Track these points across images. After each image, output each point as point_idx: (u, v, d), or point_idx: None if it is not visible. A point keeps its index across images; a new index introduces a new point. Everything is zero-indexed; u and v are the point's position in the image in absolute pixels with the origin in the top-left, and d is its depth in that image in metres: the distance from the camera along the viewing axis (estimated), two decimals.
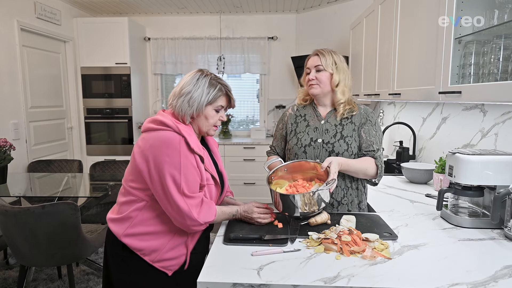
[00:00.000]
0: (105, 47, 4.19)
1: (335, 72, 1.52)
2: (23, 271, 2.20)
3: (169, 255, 1.27)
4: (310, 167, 1.47)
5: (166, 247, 1.26)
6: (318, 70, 1.54)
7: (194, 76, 1.29)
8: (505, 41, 1.30)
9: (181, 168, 1.19)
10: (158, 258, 1.26)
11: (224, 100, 1.33)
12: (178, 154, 1.19)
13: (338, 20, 4.12)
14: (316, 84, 1.55)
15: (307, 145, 1.56)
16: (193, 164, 1.23)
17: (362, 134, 1.55)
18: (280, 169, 1.49)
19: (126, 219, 1.27)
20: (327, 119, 1.58)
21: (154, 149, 1.19)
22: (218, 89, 1.29)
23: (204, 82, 1.27)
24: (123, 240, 1.26)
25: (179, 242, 1.28)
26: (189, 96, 1.26)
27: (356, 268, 1.03)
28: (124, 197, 1.30)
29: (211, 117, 1.31)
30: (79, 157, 4.32)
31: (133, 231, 1.26)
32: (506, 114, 1.64)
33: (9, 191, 2.52)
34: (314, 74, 1.54)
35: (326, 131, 1.56)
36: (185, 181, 1.19)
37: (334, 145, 1.53)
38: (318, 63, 1.53)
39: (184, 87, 1.27)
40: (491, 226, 1.36)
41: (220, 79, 1.33)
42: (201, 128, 1.33)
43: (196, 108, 1.27)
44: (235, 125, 5.02)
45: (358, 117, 1.57)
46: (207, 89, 1.27)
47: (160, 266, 1.27)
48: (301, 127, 1.62)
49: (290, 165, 1.50)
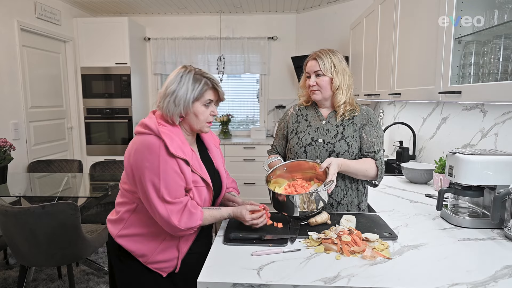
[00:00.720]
0: (105, 47, 4.19)
1: (334, 76, 1.51)
2: (23, 271, 2.20)
3: (161, 258, 1.27)
4: (309, 166, 1.47)
5: (157, 250, 1.26)
6: (318, 75, 1.53)
7: (178, 74, 1.25)
8: (505, 41, 1.30)
9: (160, 173, 1.15)
10: (150, 260, 1.26)
11: (212, 93, 1.27)
12: (157, 160, 1.16)
13: (338, 20, 4.12)
14: (318, 90, 1.54)
15: (307, 144, 1.56)
16: (174, 168, 1.18)
17: (363, 135, 1.55)
18: (279, 168, 1.49)
19: (120, 220, 1.28)
20: (328, 120, 1.58)
21: (137, 154, 1.18)
22: (203, 83, 1.24)
23: (188, 79, 1.23)
24: (117, 240, 1.27)
25: (170, 245, 1.27)
26: (174, 95, 1.21)
27: (356, 268, 1.03)
28: (120, 199, 1.32)
29: (201, 114, 1.26)
30: (79, 157, 4.32)
31: (126, 232, 1.27)
32: (506, 114, 1.64)
33: (9, 191, 2.52)
34: (315, 80, 1.54)
35: (327, 131, 1.56)
36: (165, 186, 1.16)
37: (334, 145, 1.53)
38: (317, 69, 1.52)
39: (169, 87, 1.23)
40: (491, 226, 1.36)
41: (205, 72, 1.27)
42: (193, 127, 1.29)
43: (183, 107, 1.22)
44: (235, 125, 5.02)
45: (359, 117, 1.56)
46: (191, 86, 1.22)
47: (153, 268, 1.27)
48: (302, 126, 1.62)
49: (289, 164, 1.50)
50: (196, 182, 1.26)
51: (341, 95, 1.53)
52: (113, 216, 1.33)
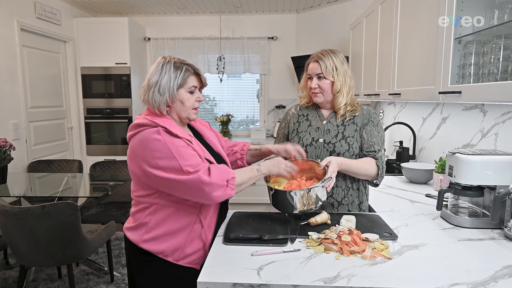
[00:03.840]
0: (105, 47, 4.19)
1: (336, 79, 1.50)
2: (23, 271, 2.20)
3: (190, 251, 1.26)
4: (309, 166, 1.47)
5: (185, 244, 1.26)
6: (319, 77, 1.53)
7: (158, 64, 1.27)
8: (505, 41, 1.30)
9: (174, 153, 1.15)
10: (181, 256, 1.26)
11: (195, 79, 1.29)
12: (163, 144, 1.16)
13: (338, 20, 4.12)
14: (319, 93, 1.54)
15: (308, 144, 1.57)
16: (182, 143, 1.19)
17: (363, 135, 1.55)
18: None
19: (142, 225, 1.27)
20: (329, 120, 1.59)
21: (140, 152, 1.18)
22: (184, 70, 1.26)
23: (169, 68, 1.25)
24: (143, 246, 1.26)
25: (195, 235, 1.27)
26: (158, 85, 1.23)
27: (356, 268, 1.03)
28: (136, 207, 1.31)
29: (186, 100, 1.27)
30: (79, 157, 4.32)
31: (150, 235, 1.25)
32: (506, 114, 1.64)
33: (9, 191, 2.52)
34: (317, 82, 1.53)
35: (327, 131, 1.56)
36: (184, 160, 1.15)
37: (335, 145, 1.53)
38: (319, 71, 1.51)
39: (151, 78, 1.25)
40: (491, 226, 1.36)
41: (184, 60, 1.29)
42: (180, 114, 1.30)
43: (169, 95, 1.24)
44: (235, 125, 5.02)
45: (360, 117, 1.56)
46: (173, 73, 1.24)
47: (185, 263, 1.27)
48: (303, 126, 1.62)
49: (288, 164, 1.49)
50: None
51: (342, 97, 1.53)
52: (131, 224, 1.31)
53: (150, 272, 1.29)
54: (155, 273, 1.28)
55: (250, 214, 1.48)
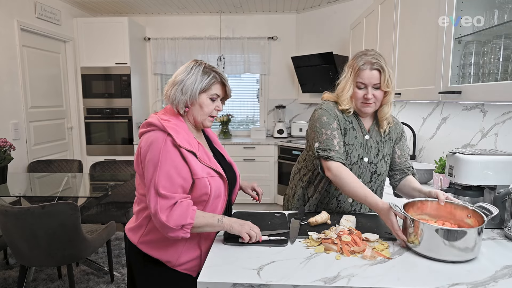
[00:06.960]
0: (105, 47, 4.19)
1: (391, 89, 1.39)
2: (23, 271, 2.20)
3: (184, 259, 1.26)
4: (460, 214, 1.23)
5: (179, 253, 1.25)
6: (376, 88, 1.39)
7: (188, 65, 1.28)
8: (505, 41, 1.31)
9: (159, 165, 1.15)
10: (178, 263, 1.25)
11: (219, 88, 1.29)
12: (158, 152, 1.16)
13: (338, 20, 4.12)
14: (373, 103, 1.41)
15: (354, 163, 1.45)
16: (174, 162, 1.16)
17: (396, 150, 1.51)
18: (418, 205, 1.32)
19: (139, 227, 1.27)
20: (370, 134, 1.49)
21: (143, 151, 1.20)
22: (212, 76, 1.26)
23: (197, 70, 1.25)
24: (140, 247, 1.26)
25: (191, 245, 1.26)
26: (182, 84, 1.24)
27: (356, 268, 1.03)
28: (138, 206, 1.31)
29: (206, 106, 1.27)
30: (79, 157, 4.32)
31: (147, 238, 1.26)
32: (506, 114, 1.64)
33: (9, 191, 2.52)
34: (372, 92, 1.38)
35: (370, 149, 1.47)
36: (161, 178, 1.14)
37: (377, 165, 1.47)
38: (377, 82, 1.37)
39: (178, 76, 1.26)
40: (491, 226, 1.36)
41: (214, 68, 1.29)
42: (196, 118, 1.29)
43: (189, 96, 1.24)
44: (235, 125, 5.02)
45: (394, 132, 1.52)
46: (200, 77, 1.25)
47: (182, 269, 1.26)
48: (350, 137, 1.46)
49: (435, 206, 1.31)
50: (208, 173, 1.25)
51: (388, 107, 1.43)
52: (132, 224, 1.32)
53: (149, 273, 1.28)
54: (154, 274, 1.28)
55: (250, 214, 1.48)
